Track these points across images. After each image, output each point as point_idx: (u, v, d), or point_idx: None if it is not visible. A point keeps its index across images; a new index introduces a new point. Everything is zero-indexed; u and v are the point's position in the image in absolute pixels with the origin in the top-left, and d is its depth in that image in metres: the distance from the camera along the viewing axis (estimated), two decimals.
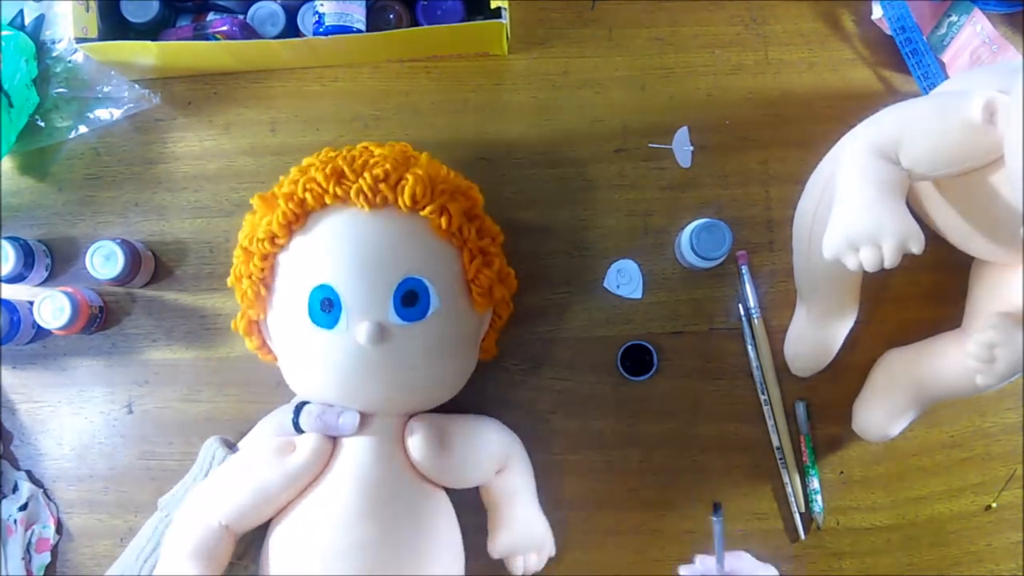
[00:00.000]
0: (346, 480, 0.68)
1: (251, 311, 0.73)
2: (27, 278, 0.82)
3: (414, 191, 0.68)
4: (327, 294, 0.67)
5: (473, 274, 0.72)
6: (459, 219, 0.70)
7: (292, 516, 0.69)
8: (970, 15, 0.83)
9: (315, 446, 0.69)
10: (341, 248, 0.68)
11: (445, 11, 0.83)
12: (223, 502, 0.69)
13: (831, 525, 0.83)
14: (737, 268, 0.83)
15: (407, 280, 0.68)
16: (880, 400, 0.79)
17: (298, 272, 0.70)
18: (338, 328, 0.68)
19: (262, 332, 0.75)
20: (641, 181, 0.84)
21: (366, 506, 0.67)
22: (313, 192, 0.68)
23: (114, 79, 0.84)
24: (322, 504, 0.68)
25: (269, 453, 0.70)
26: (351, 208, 0.69)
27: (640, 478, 0.83)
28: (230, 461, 0.72)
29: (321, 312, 0.68)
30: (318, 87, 0.86)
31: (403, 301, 0.68)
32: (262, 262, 0.71)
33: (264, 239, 0.70)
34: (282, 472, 0.68)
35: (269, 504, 0.69)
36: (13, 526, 0.81)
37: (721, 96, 0.85)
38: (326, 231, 0.69)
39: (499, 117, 0.85)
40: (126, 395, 0.84)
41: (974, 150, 0.60)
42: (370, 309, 0.67)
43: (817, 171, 0.76)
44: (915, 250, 0.60)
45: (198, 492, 0.71)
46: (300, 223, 0.69)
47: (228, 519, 0.68)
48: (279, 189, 0.71)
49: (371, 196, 0.68)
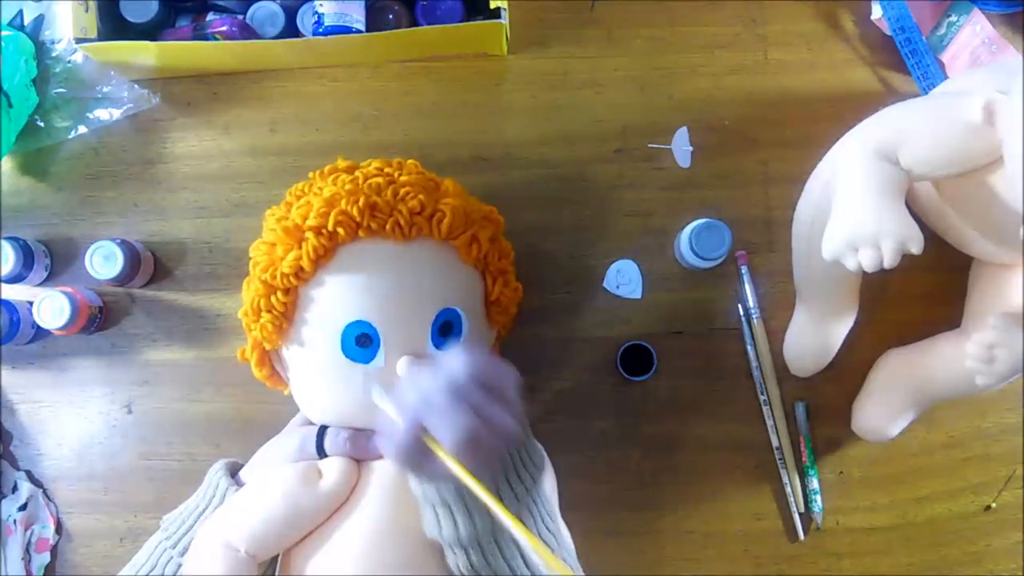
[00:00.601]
0: (377, 501, 0.66)
1: (267, 343, 0.70)
2: (27, 278, 0.82)
3: (452, 224, 0.67)
4: (364, 330, 0.66)
5: (496, 296, 0.72)
6: (487, 246, 0.70)
7: (317, 540, 0.66)
8: (970, 15, 0.83)
9: (344, 469, 0.66)
10: (377, 284, 0.66)
11: (445, 11, 0.83)
12: (248, 531, 0.64)
13: (831, 525, 0.83)
14: (737, 268, 0.83)
15: (444, 311, 0.67)
16: (880, 400, 0.79)
17: (329, 307, 0.67)
18: (375, 362, 0.66)
19: (272, 361, 0.73)
20: (641, 181, 0.84)
21: (399, 525, 0.64)
22: (346, 226, 0.65)
23: (114, 79, 0.84)
24: (353, 526, 0.65)
25: (297, 478, 0.66)
26: (381, 241, 0.67)
27: (640, 478, 0.83)
28: (249, 488, 0.68)
29: (357, 348, 0.66)
30: (318, 87, 0.86)
31: (440, 332, 0.67)
32: (285, 296, 0.68)
33: (290, 273, 0.67)
34: (314, 498, 0.65)
35: (299, 531, 0.65)
36: (13, 526, 0.81)
37: (721, 96, 0.85)
38: (357, 264, 0.67)
39: (499, 117, 0.85)
40: (126, 395, 0.84)
41: (974, 151, 0.60)
42: (409, 343, 0.66)
43: (817, 171, 0.76)
44: (915, 251, 0.60)
45: (218, 520, 0.67)
46: (329, 257, 0.67)
47: (254, 548, 0.64)
48: (302, 220, 0.67)
49: (407, 230, 0.66)
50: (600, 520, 0.82)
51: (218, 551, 0.65)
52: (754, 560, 0.82)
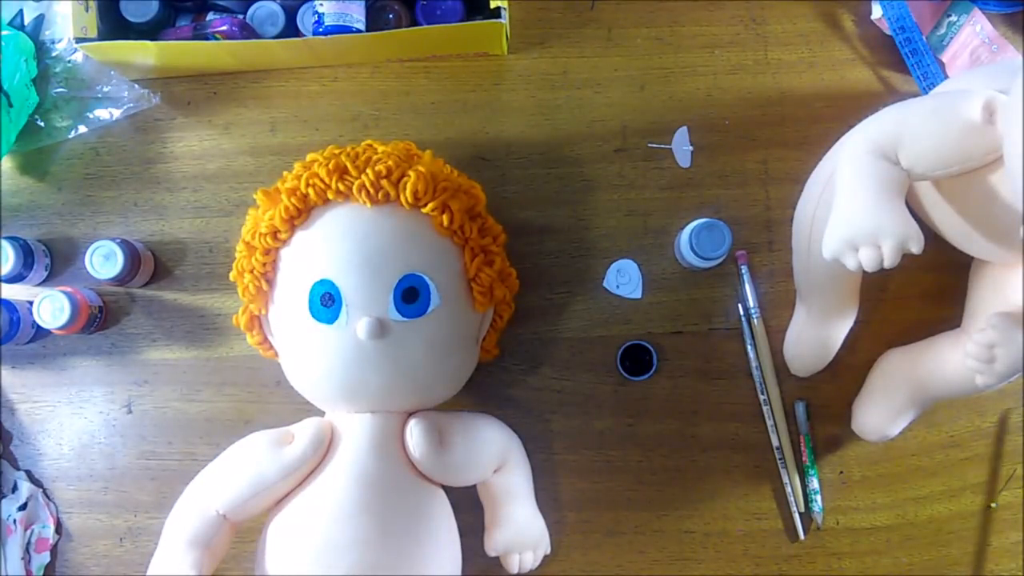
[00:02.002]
0: (344, 475, 0.68)
1: (253, 306, 0.73)
2: (26, 278, 0.82)
3: (416, 187, 0.68)
4: (328, 289, 0.68)
5: (474, 272, 0.72)
6: (461, 217, 0.70)
7: (289, 509, 0.69)
8: (970, 15, 0.83)
9: (314, 436, 0.69)
10: (342, 243, 0.69)
11: (445, 11, 0.83)
12: (221, 490, 0.69)
13: (831, 525, 0.83)
14: (737, 268, 0.83)
15: (407, 277, 0.68)
16: (879, 400, 0.78)
17: (299, 267, 0.70)
18: (338, 323, 0.68)
19: (263, 328, 0.75)
20: (641, 181, 0.84)
21: (364, 502, 0.67)
22: (316, 187, 0.69)
23: (114, 79, 0.84)
24: (320, 498, 0.68)
25: (267, 442, 0.70)
26: (353, 204, 0.69)
27: (640, 478, 0.83)
28: (230, 449, 0.72)
29: (321, 307, 0.68)
30: (318, 87, 0.86)
31: (403, 297, 0.68)
32: (264, 256, 0.71)
33: (266, 233, 0.70)
34: (279, 462, 0.68)
35: (266, 494, 0.69)
36: (12, 526, 0.81)
37: (721, 96, 0.85)
38: (328, 226, 0.69)
39: (499, 117, 0.85)
40: (126, 395, 0.84)
41: (974, 150, 0.60)
42: (370, 305, 0.68)
43: (816, 171, 0.76)
44: (915, 250, 0.60)
45: (197, 480, 0.71)
46: (302, 218, 0.70)
47: (225, 508, 0.69)
48: (282, 184, 0.71)
49: (373, 192, 0.68)
50: (600, 520, 0.82)
51: (193, 510, 0.70)
52: (754, 560, 0.82)
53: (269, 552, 0.69)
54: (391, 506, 0.68)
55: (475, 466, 0.74)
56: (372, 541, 0.66)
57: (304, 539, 0.67)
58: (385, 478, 0.69)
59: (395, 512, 0.68)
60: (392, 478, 0.69)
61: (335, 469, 0.69)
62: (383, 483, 0.69)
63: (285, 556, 0.67)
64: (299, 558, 0.66)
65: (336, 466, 0.69)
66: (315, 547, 0.66)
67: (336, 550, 0.65)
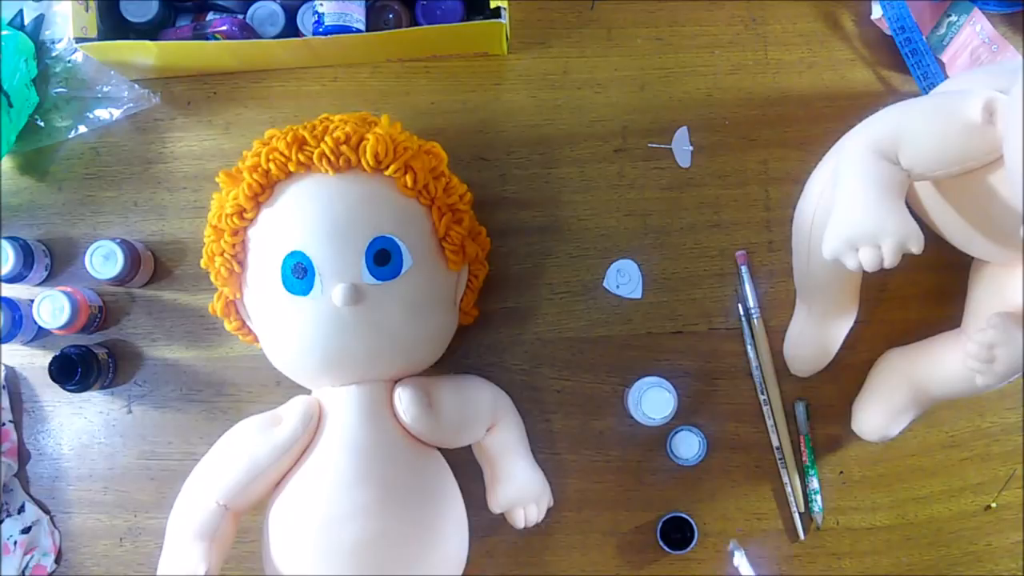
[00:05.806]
0: (338, 448, 0.69)
1: (226, 290, 0.73)
2: (26, 278, 0.82)
3: (376, 150, 0.68)
4: (299, 260, 0.68)
5: (444, 231, 0.72)
6: (424, 177, 0.71)
7: (288, 489, 0.69)
8: (970, 15, 0.83)
9: (302, 413, 0.69)
10: (309, 213, 0.69)
11: (445, 11, 0.83)
12: (218, 481, 0.69)
13: (831, 525, 0.83)
14: (737, 268, 0.83)
15: (378, 239, 0.69)
16: (880, 400, 0.78)
17: (269, 243, 0.70)
18: (313, 294, 0.68)
19: (240, 312, 0.75)
20: (641, 181, 0.84)
21: (361, 471, 0.67)
22: (276, 161, 0.69)
23: (114, 79, 0.84)
24: (316, 473, 0.68)
25: (256, 427, 0.71)
26: (316, 174, 0.70)
27: (640, 478, 0.83)
28: (221, 440, 0.72)
29: (295, 279, 0.68)
30: (318, 87, 0.86)
31: (375, 260, 0.68)
32: (232, 238, 0.71)
33: (232, 214, 0.70)
34: (271, 444, 0.69)
35: (263, 478, 0.69)
36: (12, 546, 0.79)
37: (721, 96, 0.85)
38: (293, 199, 0.70)
39: (499, 117, 0.85)
40: (125, 395, 0.84)
41: (974, 150, 0.60)
42: (343, 271, 0.68)
43: (816, 171, 0.76)
44: (915, 250, 0.60)
45: (194, 475, 0.71)
46: (266, 195, 0.70)
47: (225, 498, 0.69)
48: (243, 163, 0.71)
49: (334, 159, 0.68)
50: (600, 520, 0.82)
51: (194, 503, 0.70)
52: (754, 560, 0.82)
53: (273, 534, 0.69)
54: (388, 473, 0.68)
55: (467, 425, 0.74)
56: (373, 509, 0.66)
57: (306, 515, 0.67)
58: (379, 446, 0.69)
59: (393, 478, 0.68)
60: (386, 445, 0.70)
61: (327, 443, 0.69)
62: (377, 451, 0.69)
63: (289, 535, 0.68)
64: (303, 534, 0.67)
65: (328, 440, 0.69)
66: (318, 521, 0.66)
67: (339, 521, 0.66)
